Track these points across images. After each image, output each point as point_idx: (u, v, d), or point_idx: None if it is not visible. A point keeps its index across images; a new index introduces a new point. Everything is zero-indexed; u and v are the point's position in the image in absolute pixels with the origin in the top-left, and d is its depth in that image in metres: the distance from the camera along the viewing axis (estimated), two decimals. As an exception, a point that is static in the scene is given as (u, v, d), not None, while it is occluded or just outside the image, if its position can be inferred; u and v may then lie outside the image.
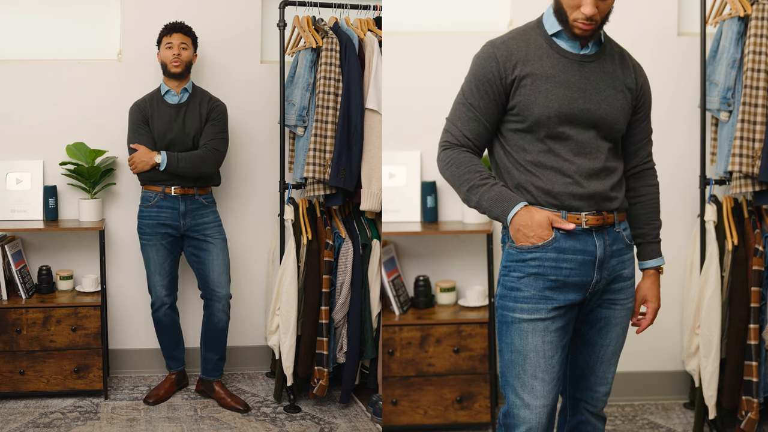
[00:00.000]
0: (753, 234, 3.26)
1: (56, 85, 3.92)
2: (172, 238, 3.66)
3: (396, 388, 3.43)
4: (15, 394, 3.68)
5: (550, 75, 2.14)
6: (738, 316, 3.26)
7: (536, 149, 2.16)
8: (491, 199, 2.15)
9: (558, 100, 2.13)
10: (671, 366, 3.74)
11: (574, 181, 2.14)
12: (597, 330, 2.28)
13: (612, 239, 2.22)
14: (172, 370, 3.83)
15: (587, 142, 2.16)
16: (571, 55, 2.17)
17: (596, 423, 2.40)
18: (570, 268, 2.16)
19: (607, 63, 2.21)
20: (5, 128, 3.90)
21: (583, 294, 2.20)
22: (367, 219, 3.83)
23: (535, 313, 2.15)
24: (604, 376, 2.33)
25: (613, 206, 2.21)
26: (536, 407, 2.17)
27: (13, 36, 3.95)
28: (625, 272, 2.27)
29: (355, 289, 3.65)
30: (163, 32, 3.67)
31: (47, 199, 3.86)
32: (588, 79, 2.17)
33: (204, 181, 3.68)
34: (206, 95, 3.72)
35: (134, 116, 3.64)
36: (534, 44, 2.17)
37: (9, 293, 3.74)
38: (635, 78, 2.25)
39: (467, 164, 2.18)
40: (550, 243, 2.14)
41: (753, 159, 3.18)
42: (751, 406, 3.20)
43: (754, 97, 3.18)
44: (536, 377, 2.16)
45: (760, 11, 3.19)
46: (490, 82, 2.16)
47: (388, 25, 3.70)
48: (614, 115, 2.19)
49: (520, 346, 2.17)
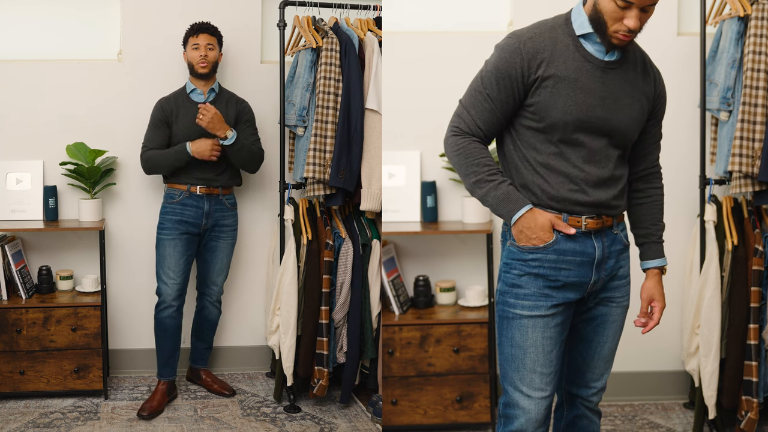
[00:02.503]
0: (753, 234, 3.26)
1: (56, 85, 3.92)
2: (191, 236, 3.68)
3: (396, 388, 3.43)
4: (15, 394, 3.68)
5: (573, 79, 2.12)
6: (738, 316, 3.26)
7: (548, 151, 2.16)
8: (498, 198, 2.16)
9: (577, 106, 2.12)
10: (671, 366, 3.74)
11: (579, 189, 2.16)
12: (594, 327, 2.31)
13: (610, 241, 2.24)
14: (164, 378, 3.70)
15: (599, 150, 2.16)
16: (597, 60, 2.15)
17: (592, 417, 2.43)
18: (569, 269, 2.19)
19: (629, 71, 2.20)
20: (5, 128, 3.90)
21: (581, 293, 2.23)
22: (367, 219, 3.83)
23: (535, 310, 2.18)
24: (600, 372, 2.36)
25: (613, 213, 2.23)
26: (535, 399, 2.21)
27: (13, 36, 3.95)
28: (621, 271, 2.29)
29: (355, 289, 3.65)
30: (190, 32, 3.69)
31: (47, 199, 3.86)
32: (609, 86, 2.15)
33: (229, 180, 3.72)
34: (233, 96, 3.78)
35: (155, 114, 3.68)
36: (561, 44, 2.14)
37: (9, 293, 3.74)
38: (654, 87, 2.25)
39: (477, 156, 2.17)
40: (551, 245, 2.17)
41: (753, 159, 3.18)
42: (750, 405, 3.20)
43: (754, 97, 3.18)
44: (535, 371, 2.20)
45: (760, 11, 3.19)
46: (512, 77, 2.13)
47: (388, 25, 3.70)
48: (629, 124, 2.19)
49: (520, 341, 2.20)
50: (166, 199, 3.68)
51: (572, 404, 2.44)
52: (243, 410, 3.67)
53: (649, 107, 2.25)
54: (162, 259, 3.66)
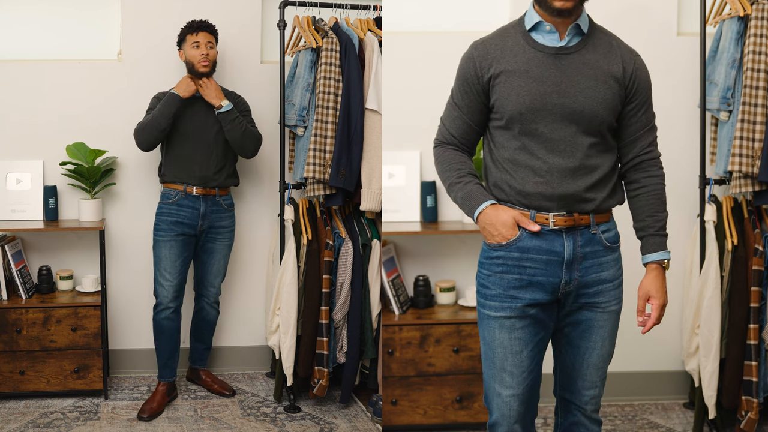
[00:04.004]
0: (753, 234, 3.26)
1: (56, 85, 3.92)
2: (188, 237, 3.66)
3: (396, 388, 3.43)
4: (15, 394, 3.68)
5: (524, 71, 2.14)
6: (738, 316, 3.26)
7: (512, 146, 2.18)
8: (463, 197, 2.24)
9: (530, 95, 2.13)
10: (671, 366, 3.74)
11: (545, 181, 2.15)
12: (580, 332, 2.27)
13: (585, 240, 2.19)
14: (164, 379, 3.69)
15: (563, 139, 2.14)
16: (548, 48, 2.15)
17: (590, 425, 2.36)
18: (534, 268, 2.18)
19: (589, 53, 2.16)
20: (5, 128, 3.90)
21: (552, 294, 2.21)
22: (367, 219, 3.83)
23: (500, 311, 2.21)
24: (592, 380, 2.30)
25: (588, 208, 2.18)
26: (505, 396, 2.25)
27: (13, 36, 3.95)
28: (605, 275, 2.22)
29: (355, 289, 3.65)
30: (188, 30, 3.63)
31: (47, 199, 3.86)
32: (564, 72, 2.14)
33: (226, 179, 3.69)
34: (230, 93, 3.74)
35: (153, 103, 3.64)
36: (511, 41, 2.18)
37: (9, 293, 3.74)
38: (623, 66, 2.18)
39: (450, 161, 2.28)
40: (514, 242, 2.18)
41: (753, 159, 3.18)
42: (750, 405, 3.20)
43: (754, 97, 3.18)
44: (505, 370, 2.23)
45: (760, 11, 3.19)
46: (469, 82, 2.22)
47: (388, 25, 3.70)
48: (593, 107, 2.14)
49: (489, 340, 2.25)
50: (162, 199, 3.66)
51: (567, 410, 2.40)
52: (243, 410, 3.67)
53: (620, 89, 2.17)
54: (159, 261, 3.64)
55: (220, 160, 3.66)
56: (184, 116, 3.61)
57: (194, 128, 3.61)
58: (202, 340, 3.92)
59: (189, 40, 3.62)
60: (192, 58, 3.60)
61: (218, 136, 3.64)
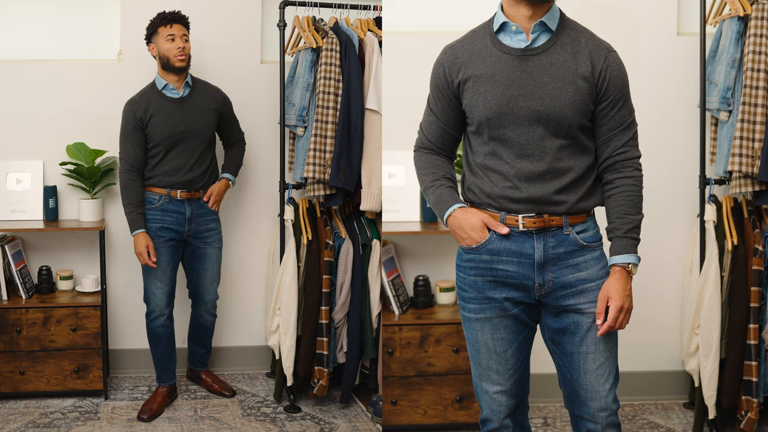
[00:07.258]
0: (753, 234, 3.26)
1: (56, 85, 3.92)
2: (175, 242, 3.60)
3: (396, 388, 3.43)
4: (15, 394, 3.68)
5: (490, 75, 2.13)
6: (738, 315, 3.26)
7: (484, 151, 2.19)
8: (434, 200, 2.26)
9: (496, 100, 2.12)
10: (671, 366, 3.74)
11: (513, 185, 2.15)
12: (569, 336, 2.20)
13: (557, 242, 2.16)
14: (164, 383, 3.66)
15: (530, 143, 2.12)
16: (514, 50, 2.13)
17: None
18: (506, 270, 2.18)
19: (556, 53, 2.11)
20: (5, 128, 3.90)
21: (528, 295, 2.20)
22: (367, 219, 3.83)
23: (480, 313, 2.23)
24: (594, 389, 2.18)
25: (559, 210, 2.15)
26: (493, 393, 2.28)
27: (13, 36, 3.95)
28: (584, 274, 2.17)
29: (355, 289, 3.65)
30: (160, 22, 3.45)
31: (47, 199, 3.86)
32: (530, 74, 2.11)
33: (209, 180, 3.64)
34: (209, 87, 3.66)
35: (127, 121, 3.48)
36: (479, 44, 2.18)
37: (9, 293, 3.74)
38: (591, 64, 2.10)
39: (426, 165, 2.30)
40: (484, 245, 2.18)
41: (753, 159, 3.18)
42: (750, 405, 3.20)
43: (754, 97, 3.18)
44: (491, 368, 2.26)
45: (760, 11, 3.19)
46: (440, 87, 2.24)
47: (388, 25, 3.70)
48: (560, 109, 2.09)
49: (473, 341, 2.27)
50: (146, 204, 3.52)
51: (578, 427, 2.26)
52: (243, 410, 3.67)
53: (589, 88, 2.10)
54: (149, 269, 3.53)
55: (204, 162, 3.61)
56: (172, 120, 3.51)
57: (181, 132, 3.52)
58: (201, 345, 3.88)
59: (162, 32, 3.44)
60: (167, 52, 3.45)
61: (204, 138, 3.58)
